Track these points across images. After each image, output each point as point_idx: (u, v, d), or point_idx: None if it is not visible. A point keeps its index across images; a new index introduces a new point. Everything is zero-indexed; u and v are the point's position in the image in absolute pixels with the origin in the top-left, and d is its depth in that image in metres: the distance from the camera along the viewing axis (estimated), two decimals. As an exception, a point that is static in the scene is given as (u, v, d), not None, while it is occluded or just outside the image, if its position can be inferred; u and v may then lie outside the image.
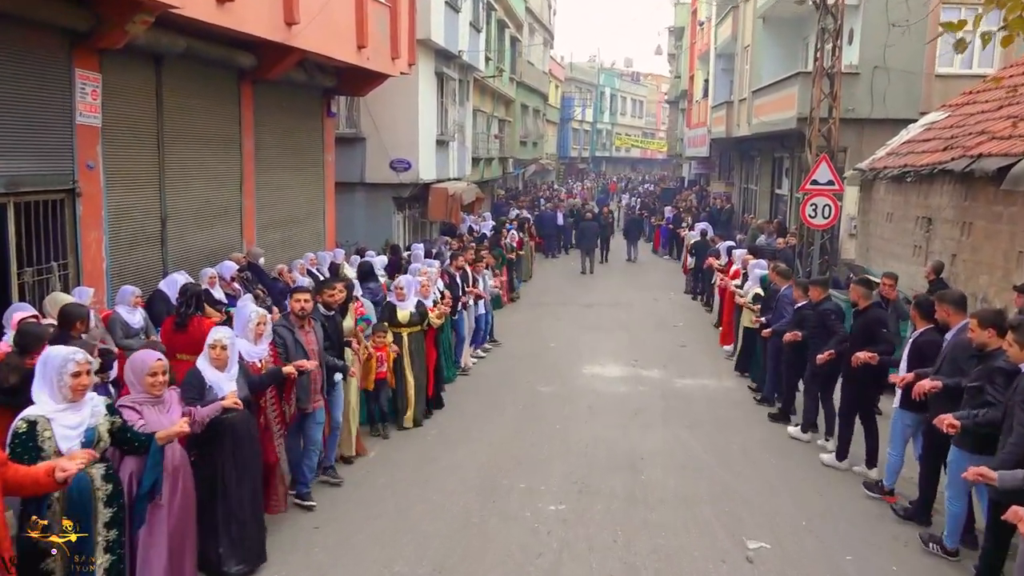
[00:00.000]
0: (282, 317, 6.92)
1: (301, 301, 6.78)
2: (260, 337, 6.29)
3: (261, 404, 6.28)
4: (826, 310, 9.11)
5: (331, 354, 7.27)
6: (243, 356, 5.96)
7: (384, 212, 18.17)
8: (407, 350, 9.23)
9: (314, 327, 6.95)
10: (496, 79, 27.40)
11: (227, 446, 5.40)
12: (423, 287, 9.72)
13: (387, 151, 17.69)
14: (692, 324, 16.32)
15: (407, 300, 9.27)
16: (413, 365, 9.29)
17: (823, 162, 13.76)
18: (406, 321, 9.22)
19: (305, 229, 13.83)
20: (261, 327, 6.27)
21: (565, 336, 14.93)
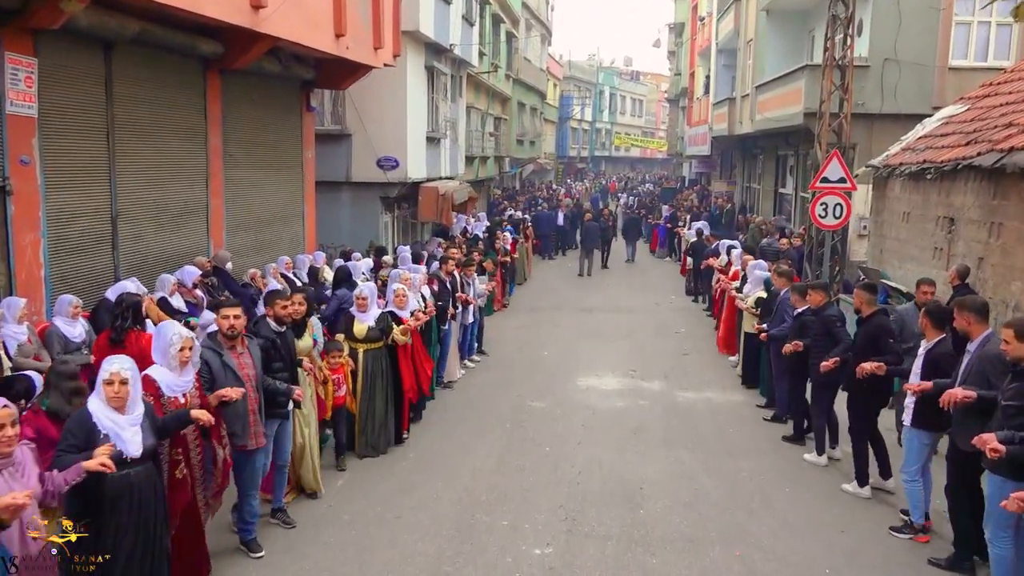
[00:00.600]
0: (207, 337, 5.83)
1: (230, 318, 5.67)
2: (185, 365, 5.15)
3: (176, 453, 5.03)
4: (830, 316, 8.23)
5: (281, 378, 6.24)
6: (164, 389, 4.96)
7: (371, 212, 17.20)
8: (362, 370, 8.07)
9: (249, 347, 5.88)
10: (491, 76, 26.44)
11: (124, 513, 4.32)
12: (398, 297, 8.66)
13: (374, 148, 16.73)
14: (694, 330, 15.35)
15: (367, 311, 8.15)
16: (366, 388, 8.10)
17: (834, 159, 12.80)
18: (362, 336, 8.05)
19: (282, 231, 12.88)
20: (187, 353, 5.12)
21: (561, 344, 13.96)
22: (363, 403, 8.08)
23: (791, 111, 17.89)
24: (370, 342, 8.10)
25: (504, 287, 17.15)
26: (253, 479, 5.97)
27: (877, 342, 7.38)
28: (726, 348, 13.47)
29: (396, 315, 8.48)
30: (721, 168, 32.29)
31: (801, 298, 8.96)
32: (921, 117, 15.71)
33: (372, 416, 8.14)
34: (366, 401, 8.09)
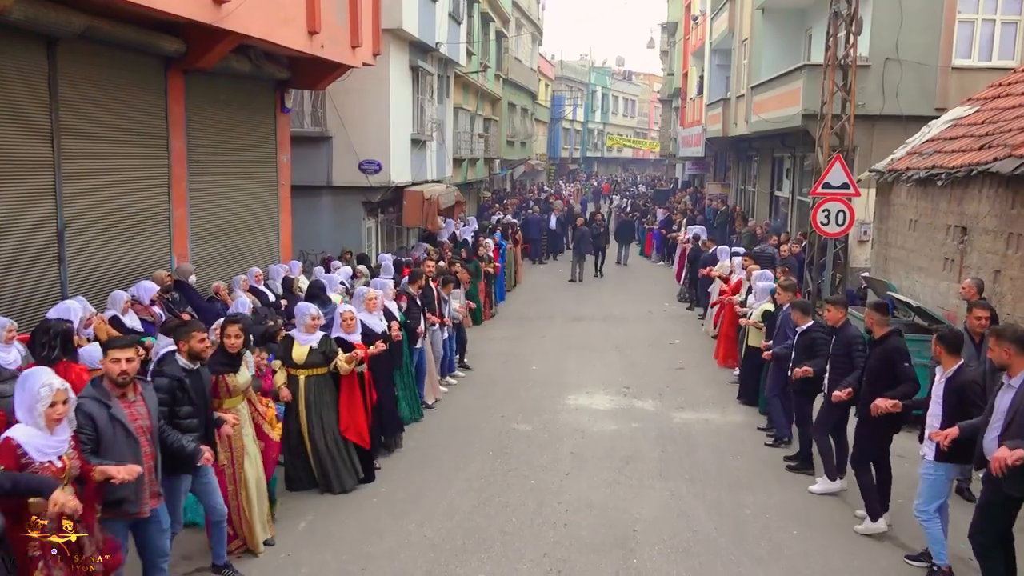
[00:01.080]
0: (91, 385, 4.79)
1: (121, 361, 4.69)
2: (57, 424, 4.17)
3: (28, 530, 3.96)
4: (853, 338, 7.46)
5: (190, 426, 5.29)
6: (32, 454, 4.03)
7: (353, 218, 16.44)
8: (302, 399, 7.17)
9: (143, 393, 4.91)
10: (480, 76, 25.69)
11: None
12: (345, 322, 7.70)
13: (356, 151, 15.96)
14: (689, 341, 14.63)
15: (313, 333, 7.28)
16: (312, 420, 7.25)
17: (836, 163, 12.09)
18: (301, 361, 7.15)
19: (255, 239, 12.09)
20: (59, 409, 4.13)
21: (549, 357, 13.22)
22: (313, 437, 7.26)
23: (789, 112, 17.20)
24: (311, 368, 7.21)
25: (490, 297, 16.39)
26: (158, 546, 5.07)
27: (892, 366, 6.70)
28: (725, 360, 12.78)
29: (344, 341, 7.60)
30: (715, 170, 31.61)
31: (803, 315, 8.26)
32: (923, 119, 15.06)
33: (328, 451, 7.32)
34: (316, 435, 7.26)
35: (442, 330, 10.92)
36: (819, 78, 15.70)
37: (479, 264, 15.15)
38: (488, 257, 16.26)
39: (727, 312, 13.05)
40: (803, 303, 8.56)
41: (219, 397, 5.90)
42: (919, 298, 10.93)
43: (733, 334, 12.49)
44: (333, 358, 7.27)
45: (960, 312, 9.79)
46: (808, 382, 8.02)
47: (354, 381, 7.48)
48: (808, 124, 16.27)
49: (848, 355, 7.32)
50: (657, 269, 24.70)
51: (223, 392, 5.95)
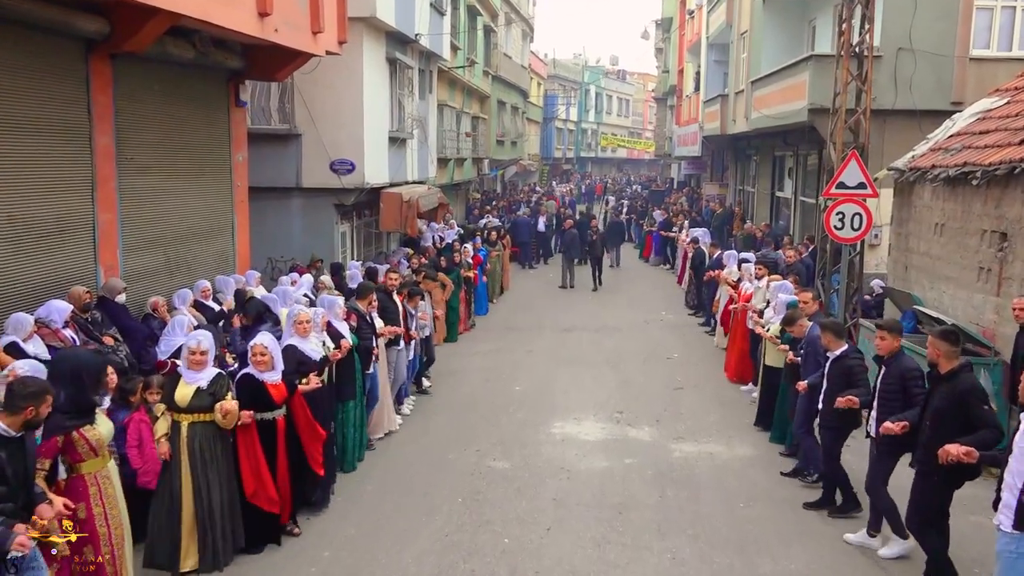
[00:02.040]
0: None
1: None
2: None
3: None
4: (909, 371, 6.19)
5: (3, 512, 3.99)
6: None
7: (325, 222, 15.08)
8: (185, 451, 5.73)
9: None
10: (467, 72, 24.36)
11: None
12: (255, 356, 6.16)
13: (327, 150, 14.62)
14: (688, 354, 13.32)
15: (202, 368, 5.86)
16: (197, 477, 5.76)
17: (852, 161, 10.79)
18: (185, 403, 5.76)
19: (204, 248, 10.74)
20: None
21: (536, 375, 11.91)
22: (199, 499, 5.79)
23: (793, 107, 15.90)
24: (195, 412, 5.78)
25: (469, 307, 15.06)
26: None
27: (966, 409, 5.40)
28: (737, 376, 11.52)
29: (255, 378, 6.18)
30: (712, 170, 30.32)
31: (836, 339, 6.98)
32: (939, 113, 13.82)
33: (211, 516, 5.82)
34: (201, 498, 5.78)
35: (408, 349, 9.60)
36: (827, 69, 14.40)
37: (459, 272, 13.78)
38: (467, 264, 14.93)
39: (739, 322, 11.82)
40: (835, 324, 7.26)
41: (79, 460, 4.59)
42: (948, 312, 9.64)
43: (747, 348, 11.27)
44: (222, 398, 5.87)
45: (1001, 331, 8.51)
46: (844, 416, 6.74)
47: (253, 435, 6.06)
48: (815, 119, 14.99)
49: (902, 391, 6.06)
50: (655, 273, 23.40)
51: (84, 451, 4.63)
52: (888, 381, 6.33)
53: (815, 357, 7.69)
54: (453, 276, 13.45)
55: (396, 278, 9.40)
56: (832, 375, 7.03)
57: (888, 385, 6.30)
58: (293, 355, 6.73)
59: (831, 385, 6.95)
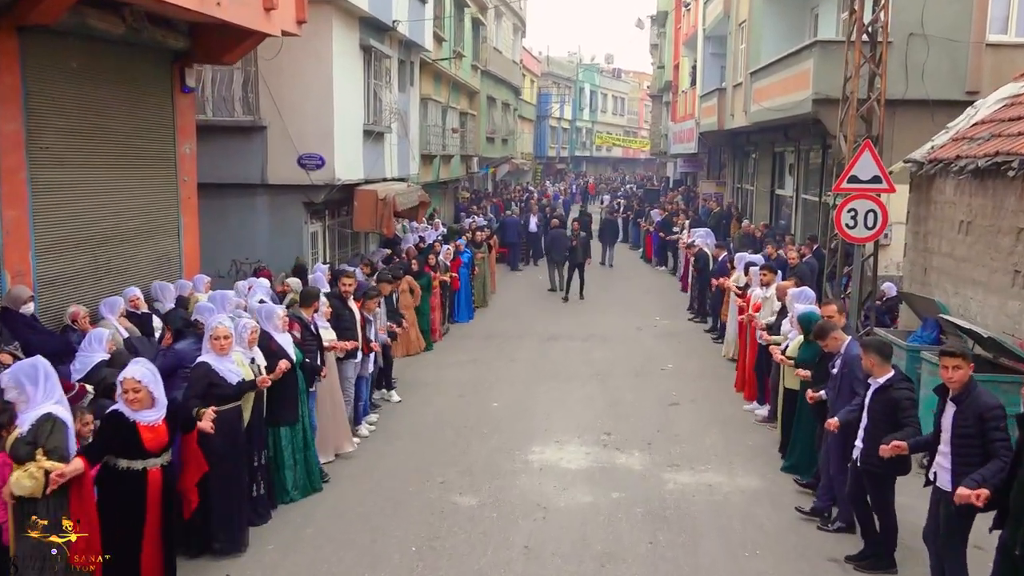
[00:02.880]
0: None
1: None
2: None
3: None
4: (986, 409, 4.94)
5: None
6: None
7: (293, 221, 13.88)
8: None
9: None
10: (454, 65, 23.17)
11: None
12: (128, 392, 4.81)
13: (294, 144, 13.43)
14: (684, 365, 12.14)
15: (30, 405, 4.46)
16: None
17: (866, 152, 9.63)
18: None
19: (142, 250, 9.53)
20: None
21: (516, 390, 10.72)
22: None
23: (796, 98, 14.73)
24: None
25: (443, 312, 13.84)
26: None
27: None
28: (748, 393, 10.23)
29: (125, 418, 4.86)
30: (709, 167, 29.15)
31: (882, 362, 5.73)
32: (952, 104, 12.71)
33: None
34: None
35: (368, 361, 8.40)
36: (833, 56, 13.29)
37: (431, 277, 12.57)
38: (444, 266, 13.72)
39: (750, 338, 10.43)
40: (881, 345, 5.93)
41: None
42: (975, 320, 8.47)
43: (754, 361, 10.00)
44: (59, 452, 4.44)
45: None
46: (890, 460, 5.50)
47: (82, 490, 4.53)
48: (820, 110, 13.84)
49: (980, 435, 4.87)
50: (651, 274, 22.20)
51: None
52: (963, 424, 5.01)
53: (851, 384, 6.36)
54: (423, 281, 12.23)
55: (351, 283, 8.19)
56: (875, 408, 5.76)
57: (964, 429, 5.00)
58: (204, 376, 5.57)
59: (874, 421, 5.73)
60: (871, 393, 5.82)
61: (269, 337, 6.40)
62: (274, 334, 6.55)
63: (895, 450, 5.28)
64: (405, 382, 10.71)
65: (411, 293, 11.74)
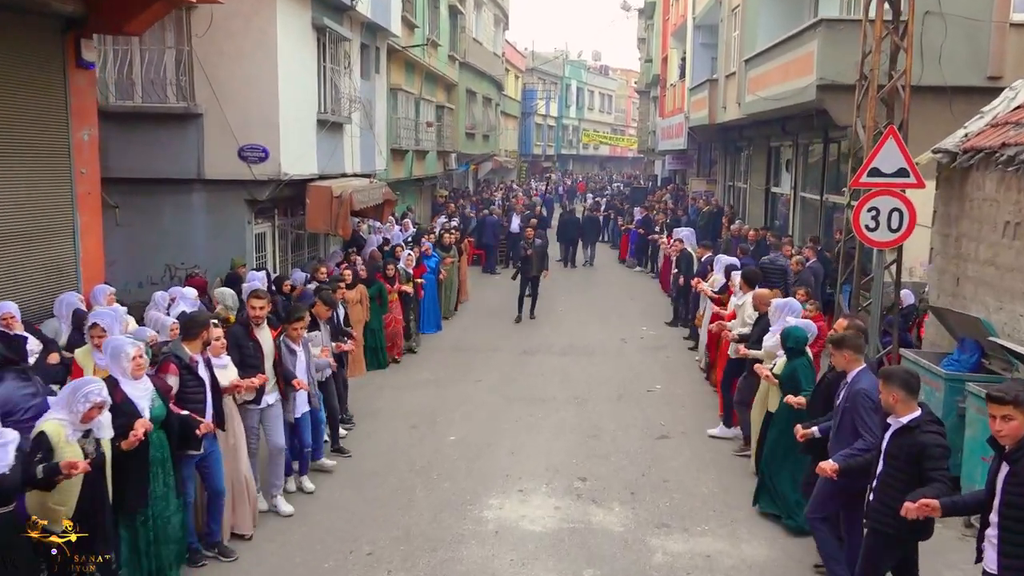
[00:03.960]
0: None
1: None
2: None
3: None
4: None
5: None
6: None
7: (235, 221, 12.19)
8: None
9: None
10: (428, 54, 21.49)
11: None
12: None
13: (234, 134, 11.75)
14: (675, 386, 10.52)
15: None
16: None
17: (890, 139, 8.02)
18: None
19: (28, 257, 7.85)
20: None
21: (479, 419, 9.08)
22: None
23: (797, 85, 13.13)
24: None
25: (407, 327, 12.17)
26: None
27: None
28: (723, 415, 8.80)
29: None
30: (699, 164, 27.57)
31: (908, 398, 4.30)
32: (972, 91, 11.29)
33: None
34: None
35: (292, 404, 6.70)
36: (841, 37, 11.80)
37: (382, 287, 10.86)
38: (406, 274, 12.03)
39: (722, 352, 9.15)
40: (905, 376, 4.52)
41: None
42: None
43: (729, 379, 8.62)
44: None
45: None
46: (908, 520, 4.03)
47: None
48: (825, 98, 12.26)
49: None
50: (635, 278, 20.56)
51: None
52: (1016, 491, 3.71)
53: (852, 421, 5.07)
54: (373, 291, 10.56)
55: (262, 307, 6.48)
56: (894, 455, 4.44)
57: (1016, 498, 3.70)
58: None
59: (892, 470, 4.40)
60: (890, 435, 4.54)
61: (115, 385, 4.70)
62: (122, 381, 4.84)
63: (923, 511, 3.96)
64: (351, 412, 9.06)
65: (362, 305, 10.09)
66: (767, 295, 8.19)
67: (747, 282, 9.12)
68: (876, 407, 4.93)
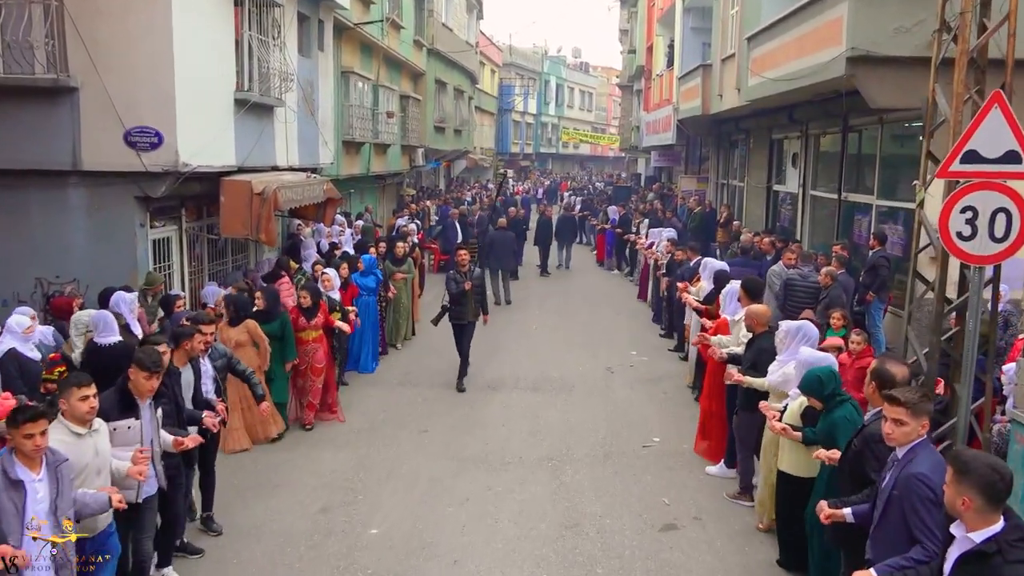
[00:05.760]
0: None
1: None
2: None
3: None
4: None
5: None
6: None
7: (123, 223, 9.51)
8: None
9: None
10: (389, 35, 18.85)
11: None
12: None
13: (119, 113, 9.09)
14: (678, 436, 7.97)
15: None
16: None
17: (994, 110, 5.52)
18: None
19: None
20: None
21: (416, 495, 6.49)
22: None
23: (820, 59, 10.62)
24: None
25: (341, 365, 9.42)
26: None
27: None
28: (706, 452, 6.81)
29: None
30: (687, 161, 25.10)
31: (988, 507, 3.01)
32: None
33: None
34: None
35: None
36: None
37: (285, 319, 7.98)
38: (332, 304, 9.09)
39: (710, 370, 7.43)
40: (989, 474, 3.06)
41: None
42: None
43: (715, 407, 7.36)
44: None
45: None
46: None
47: None
48: (858, 72, 9.80)
49: None
50: (617, 287, 18.02)
51: None
52: None
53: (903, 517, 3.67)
54: (275, 327, 7.75)
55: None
56: None
57: None
58: None
59: None
60: (955, 560, 3.13)
61: None
62: None
63: None
64: (238, 488, 6.45)
65: (256, 347, 7.38)
66: (762, 312, 6.66)
67: (747, 294, 7.31)
68: (939, 501, 3.41)
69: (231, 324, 7.19)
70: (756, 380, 6.13)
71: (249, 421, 7.48)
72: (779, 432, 5.20)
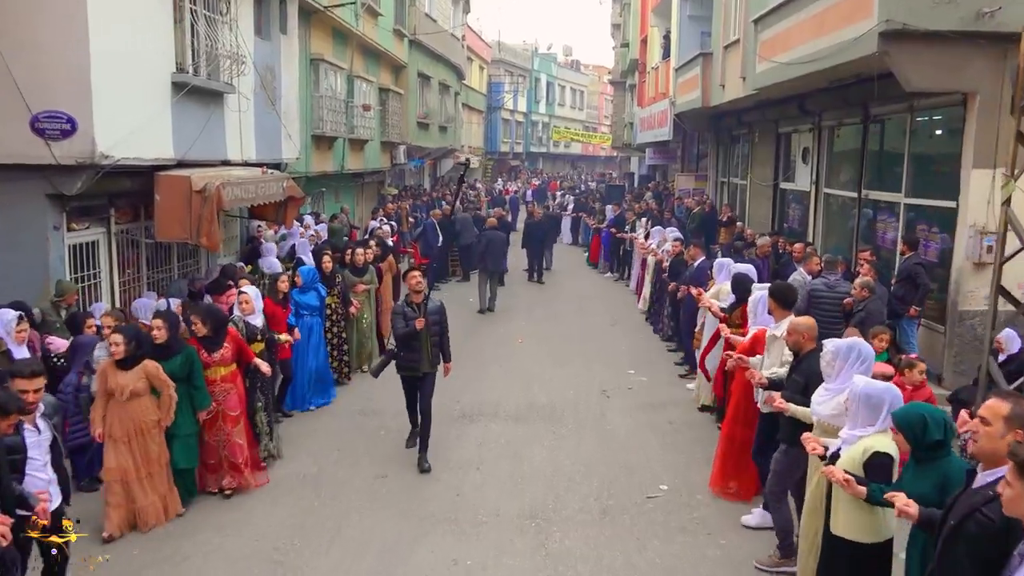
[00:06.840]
0: None
1: None
2: None
3: None
4: None
5: None
6: None
7: (31, 225, 8.00)
8: None
9: None
10: (365, 23, 17.34)
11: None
12: None
13: (23, 95, 7.58)
14: (689, 483, 6.49)
15: None
16: None
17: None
18: None
19: None
20: None
21: (363, 572, 5.01)
22: None
23: (844, 37, 9.17)
24: None
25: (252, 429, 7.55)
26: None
27: None
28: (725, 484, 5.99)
29: None
30: (684, 159, 23.65)
31: None
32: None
33: None
34: None
35: None
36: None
37: (190, 354, 5.88)
38: (258, 332, 7.06)
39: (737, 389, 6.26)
40: None
41: None
42: None
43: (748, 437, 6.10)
44: None
45: None
46: None
47: None
48: (891, 49, 8.39)
49: None
50: (612, 292, 16.54)
51: None
52: None
53: None
54: (176, 365, 5.82)
55: None
56: None
57: None
58: None
59: None
60: None
61: None
62: None
63: None
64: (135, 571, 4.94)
65: (156, 395, 5.71)
66: (811, 326, 5.30)
67: (778, 303, 5.98)
68: None
69: (122, 365, 5.50)
70: (801, 409, 4.84)
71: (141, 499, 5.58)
72: (840, 482, 3.77)
